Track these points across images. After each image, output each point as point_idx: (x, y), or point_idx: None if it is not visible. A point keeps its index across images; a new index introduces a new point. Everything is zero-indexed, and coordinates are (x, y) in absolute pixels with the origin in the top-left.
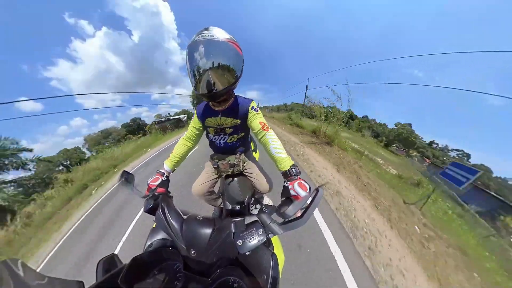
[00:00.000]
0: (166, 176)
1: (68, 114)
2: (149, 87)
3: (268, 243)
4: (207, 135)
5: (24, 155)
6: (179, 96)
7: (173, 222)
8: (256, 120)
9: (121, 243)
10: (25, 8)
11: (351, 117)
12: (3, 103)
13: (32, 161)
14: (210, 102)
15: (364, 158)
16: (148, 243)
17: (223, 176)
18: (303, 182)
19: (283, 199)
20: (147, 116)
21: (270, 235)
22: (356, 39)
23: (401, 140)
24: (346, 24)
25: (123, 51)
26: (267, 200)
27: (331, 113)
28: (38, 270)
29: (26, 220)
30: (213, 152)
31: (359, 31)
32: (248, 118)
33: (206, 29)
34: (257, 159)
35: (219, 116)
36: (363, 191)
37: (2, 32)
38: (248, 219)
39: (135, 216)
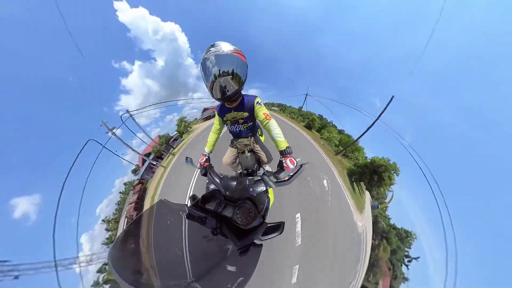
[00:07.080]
0: (208, 156)
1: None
2: (177, 96)
3: (266, 191)
4: (226, 126)
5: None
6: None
7: (216, 179)
8: (261, 112)
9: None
10: (95, 70)
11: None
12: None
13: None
14: (225, 103)
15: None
16: (206, 188)
17: (240, 152)
18: (293, 159)
19: (278, 168)
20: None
21: (268, 187)
22: (344, 59)
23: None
24: (339, 42)
25: (155, 75)
26: (268, 168)
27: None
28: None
29: None
30: (232, 138)
31: (348, 53)
32: (255, 111)
33: (213, 45)
34: (262, 140)
35: (232, 111)
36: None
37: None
38: (256, 178)
39: None
